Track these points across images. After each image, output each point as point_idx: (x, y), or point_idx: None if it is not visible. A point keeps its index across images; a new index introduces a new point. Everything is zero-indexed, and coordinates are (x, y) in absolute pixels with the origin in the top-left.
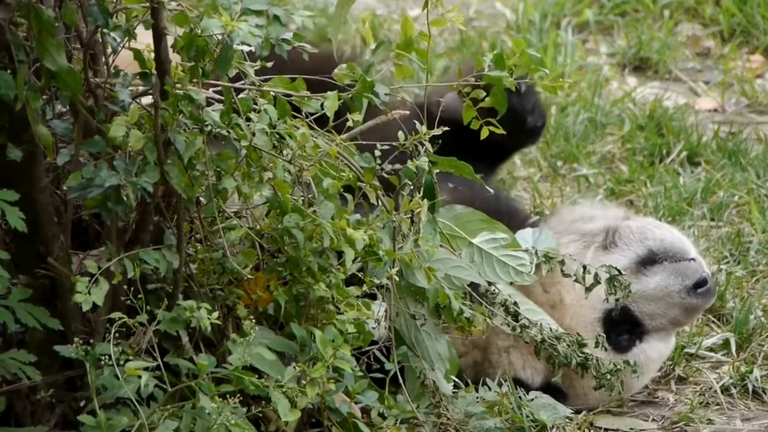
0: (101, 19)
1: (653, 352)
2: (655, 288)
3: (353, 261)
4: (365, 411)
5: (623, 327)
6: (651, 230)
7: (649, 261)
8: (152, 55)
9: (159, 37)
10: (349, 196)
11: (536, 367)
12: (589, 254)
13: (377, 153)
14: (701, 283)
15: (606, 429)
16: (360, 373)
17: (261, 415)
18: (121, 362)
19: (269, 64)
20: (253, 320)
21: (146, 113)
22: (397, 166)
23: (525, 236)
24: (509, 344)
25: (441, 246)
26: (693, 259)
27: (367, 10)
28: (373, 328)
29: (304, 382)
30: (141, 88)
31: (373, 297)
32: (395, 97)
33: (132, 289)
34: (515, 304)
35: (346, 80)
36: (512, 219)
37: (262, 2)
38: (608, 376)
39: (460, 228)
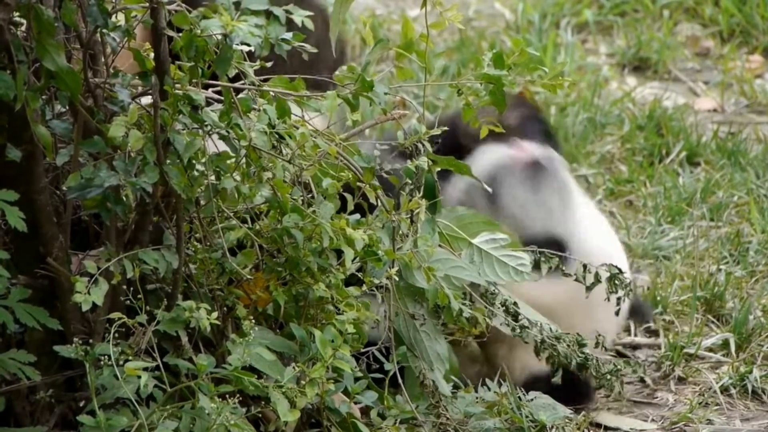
0: (101, 19)
1: None
2: None
3: (352, 261)
4: (365, 411)
5: None
6: None
7: None
8: (151, 55)
9: (158, 37)
10: (348, 196)
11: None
12: None
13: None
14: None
15: (606, 428)
16: (359, 374)
17: (260, 415)
18: (121, 362)
19: (268, 64)
20: (253, 320)
21: (146, 113)
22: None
23: None
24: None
25: (441, 246)
26: None
27: (366, 10)
28: (372, 328)
29: (303, 382)
30: (140, 89)
31: (373, 297)
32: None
33: (131, 289)
34: (515, 304)
35: (346, 81)
36: None
37: (262, 2)
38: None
39: (461, 229)
